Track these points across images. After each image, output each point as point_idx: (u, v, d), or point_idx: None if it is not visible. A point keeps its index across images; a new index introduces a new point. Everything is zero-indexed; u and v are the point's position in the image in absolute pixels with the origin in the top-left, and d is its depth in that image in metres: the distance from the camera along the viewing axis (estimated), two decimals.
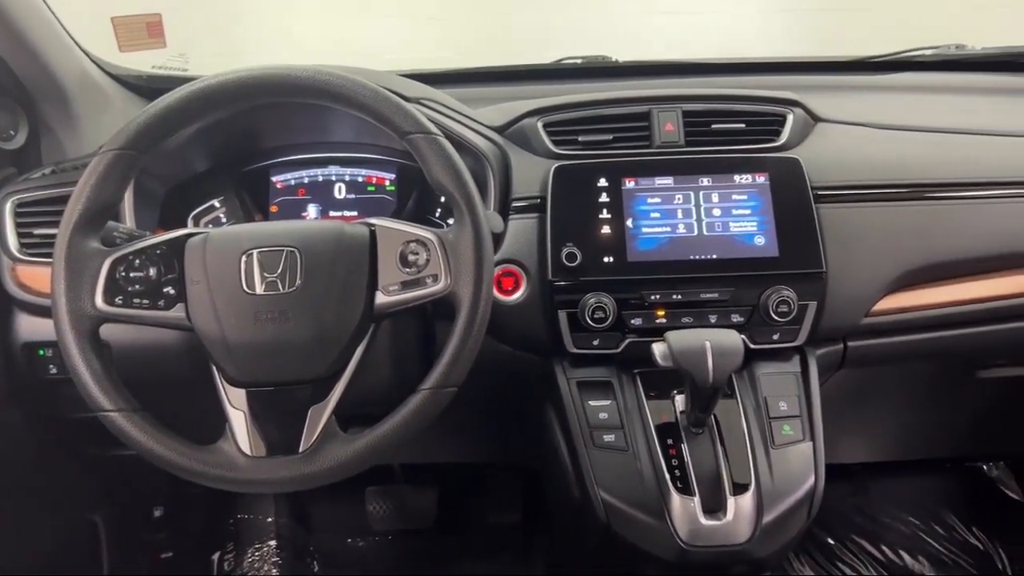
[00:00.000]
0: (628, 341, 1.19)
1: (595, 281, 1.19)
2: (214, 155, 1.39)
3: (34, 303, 1.25)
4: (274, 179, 1.43)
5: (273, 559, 1.96)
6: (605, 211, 1.21)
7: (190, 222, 1.38)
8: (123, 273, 0.96)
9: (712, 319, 1.19)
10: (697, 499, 1.09)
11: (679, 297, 1.19)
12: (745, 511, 1.09)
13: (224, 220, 1.39)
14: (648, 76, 1.63)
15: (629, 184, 1.23)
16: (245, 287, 0.95)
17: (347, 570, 1.98)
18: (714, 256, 1.20)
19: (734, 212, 1.22)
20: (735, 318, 1.19)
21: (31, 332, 1.28)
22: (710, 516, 1.09)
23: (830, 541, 1.96)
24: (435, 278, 0.97)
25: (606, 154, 1.27)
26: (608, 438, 1.15)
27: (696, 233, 1.21)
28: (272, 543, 1.98)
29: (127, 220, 1.24)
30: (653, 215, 1.22)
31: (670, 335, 1.05)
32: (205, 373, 0.99)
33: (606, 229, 1.21)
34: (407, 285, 0.98)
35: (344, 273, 0.97)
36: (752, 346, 1.18)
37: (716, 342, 1.02)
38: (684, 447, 1.13)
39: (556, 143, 1.28)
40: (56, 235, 0.96)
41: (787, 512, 1.11)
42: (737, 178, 1.23)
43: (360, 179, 1.43)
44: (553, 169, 1.24)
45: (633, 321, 1.19)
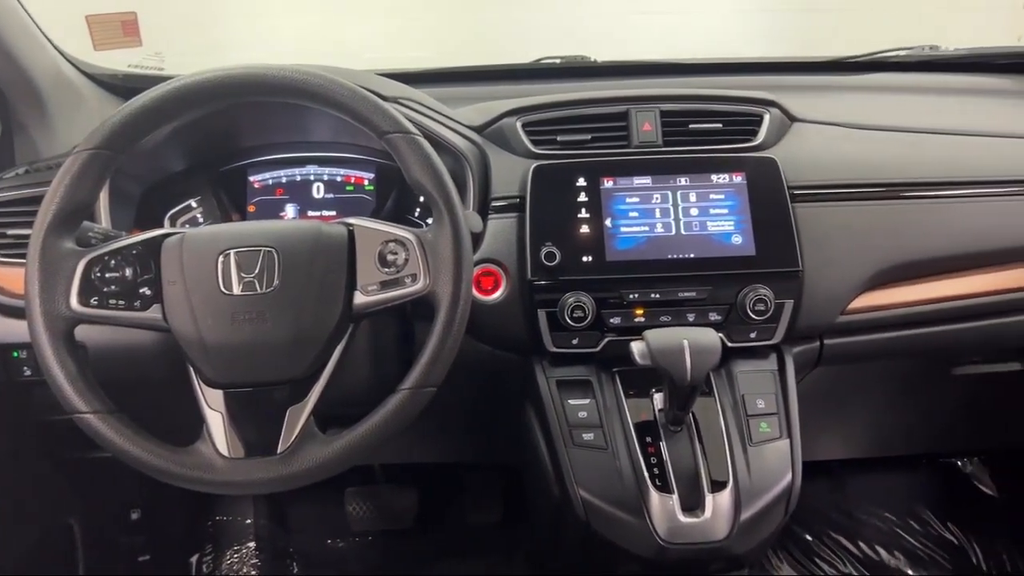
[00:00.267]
0: (607, 340, 1.20)
1: (574, 280, 1.19)
2: (191, 154, 1.38)
3: (8, 304, 1.23)
4: (252, 179, 1.42)
5: (252, 561, 1.95)
6: (584, 211, 1.22)
7: (167, 222, 1.37)
8: (98, 274, 0.95)
9: (690, 318, 1.20)
10: (676, 497, 1.10)
11: (657, 296, 1.19)
12: (723, 508, 1.09)
13: (201, 220, 1.38)
14: (626, 76, 1.64)
15: (607, 184, 1.23)
16: (222, 287, 0.95)
17: (327, 571, 1.97)
18: (692, 255, 1.21)
19: (711, 211, 1.22)
20: (713, 317, 1.20)
21: (5, 334, 1.26)
22: (688, 514, 1.09)
23: (808, 537, 1.98)
24: (414, 278, 0.97)
25: (585, 154, 1.27)
26: (587, 436, 1.15)
27: (674, 232, 1.22)
28: (251, 545, 1.97)
29: (102, 220, 1.22)
30: (631, 215, 1.22)
31: (648, 334, 1.05)
32: (182, 374, 0.99)
33: (585, 228, 1.21)
34: (386, 285, 0.97)
35: (322, 273, 0.97)
36: (729, 344, 1.19)
37: (694, 340, 1.03)
38: (663, 445, 1.14)
39: (535, 143, 1.28)
40: (30, 235, 0.95)
41: (765, 509, 1.11)
42: (714, 178, 1.24)
43: (339, 179, 1.43)
44: (532, 169, 1.24)
45: (612, 320, 1.19)
